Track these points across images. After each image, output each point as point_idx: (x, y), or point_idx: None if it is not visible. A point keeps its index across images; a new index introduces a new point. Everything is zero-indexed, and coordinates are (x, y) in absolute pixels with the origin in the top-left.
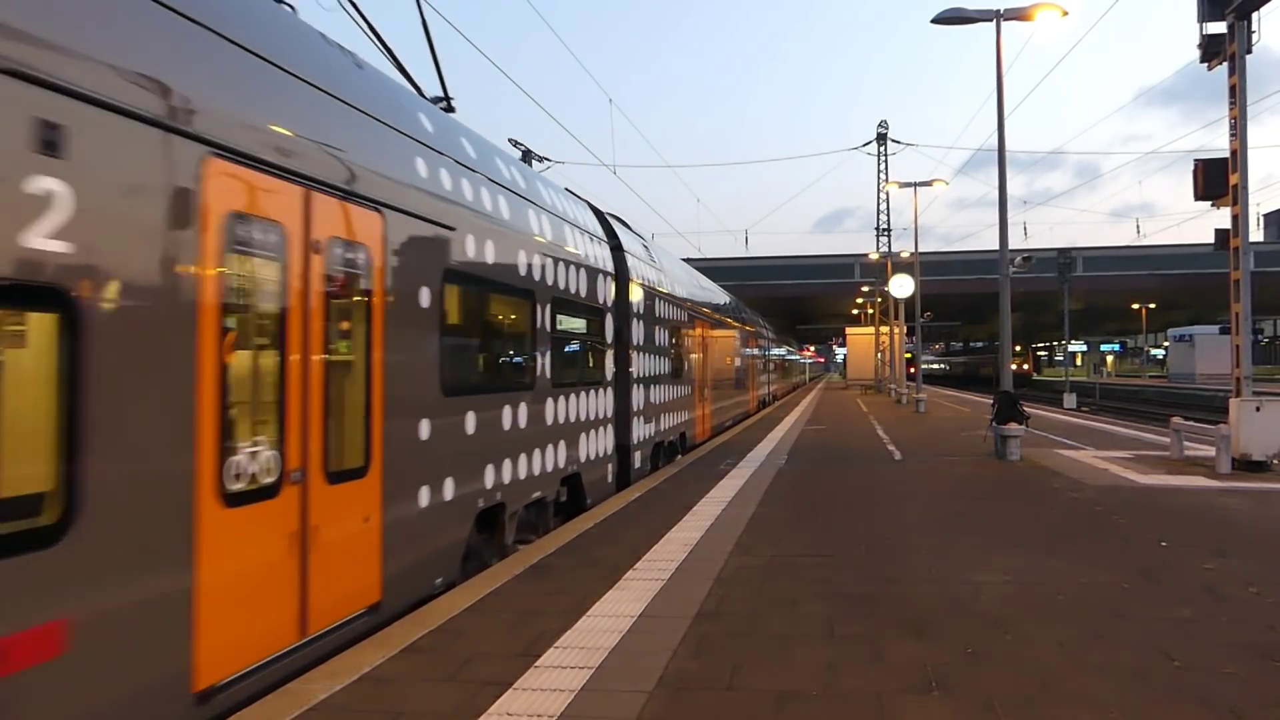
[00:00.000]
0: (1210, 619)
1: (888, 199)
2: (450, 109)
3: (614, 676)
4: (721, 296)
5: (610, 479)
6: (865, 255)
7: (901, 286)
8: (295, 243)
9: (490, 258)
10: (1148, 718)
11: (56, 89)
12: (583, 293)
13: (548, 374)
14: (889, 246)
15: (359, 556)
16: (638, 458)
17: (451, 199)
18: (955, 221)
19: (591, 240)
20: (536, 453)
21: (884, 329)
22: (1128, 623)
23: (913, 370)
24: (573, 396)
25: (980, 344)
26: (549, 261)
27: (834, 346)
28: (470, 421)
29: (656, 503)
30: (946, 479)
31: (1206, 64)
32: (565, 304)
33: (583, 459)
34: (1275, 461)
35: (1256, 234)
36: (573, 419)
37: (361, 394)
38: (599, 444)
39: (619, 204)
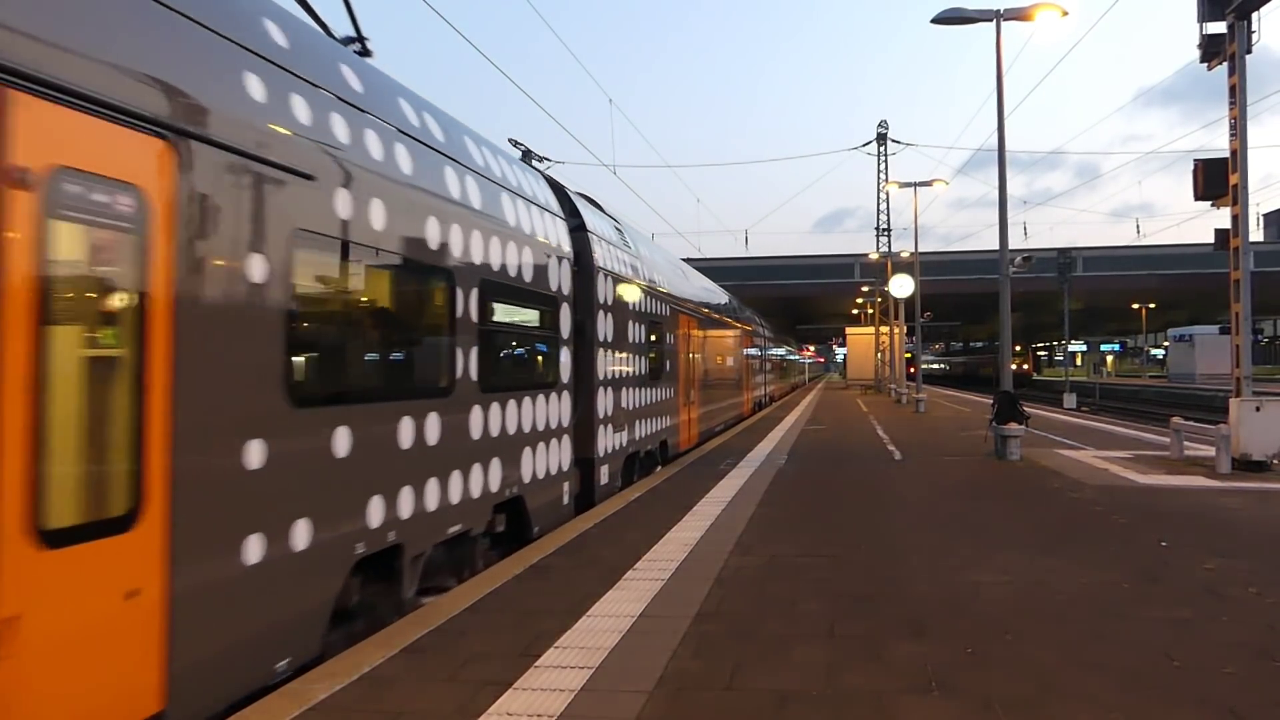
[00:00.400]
0: (1210, 619)
1: (888, 199)
2: (365, 53)
3: (614, 676)
4: (713, 292)
5: (567, 500)
6: (865, 255)
7: (901, 286)
8: None
9: (379, 223)
10: (1148, 718)
11: None
12: (527, 277)
13: (473, 376)
14: (889, 246)
15: (114, 652)
16: (605, 472)
17: (311, 137)
18: (955, 221)
19: (544, 216)
20: (456, 476)
21: (884, 329)
22: (1128, 623)
23: (912, 370)
24: (513, 403)
25: (980, 344)
26: (477, 236)
27: (834, 346)
28: (342, 440)
29: (656, 503)
30: (946, 479)
31: (1206, 64)
32: (501, 290)
33: (527, 479)
34: (1275, 461)
35: (1256, 234)
36: (512, 431)
37: (127, 408)
38: (551, 459)
39: (619, 204)
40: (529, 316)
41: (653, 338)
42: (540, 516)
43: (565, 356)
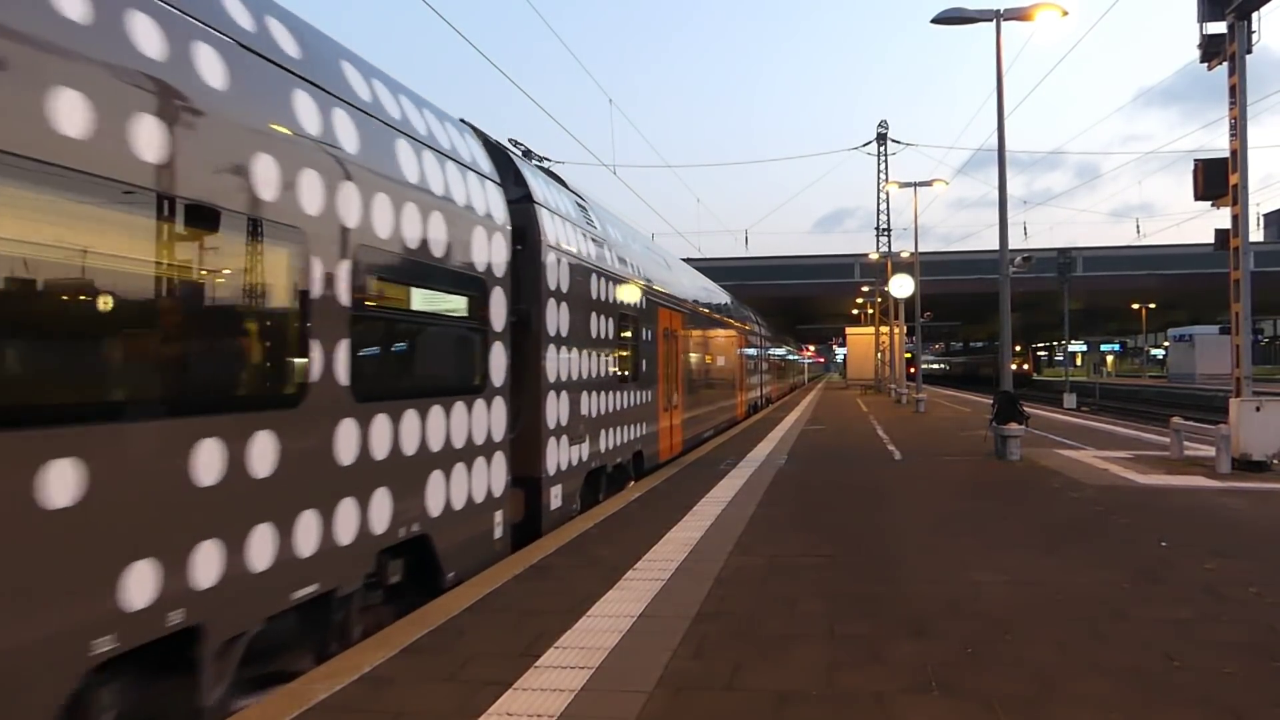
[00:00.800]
0: (1210, 619)
1: (888, 199)
2: None
3: (614, 676)
4: (706, 287)
5: (500, 532)
6: (865, 255)
7: (901, 286)
8: None
9: (147, 150)
10: (1148, 718)
11: None
12: (436, 251)
13: (341, 379)
14: (889, 246)
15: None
16: (556, 494)
17: None
18: (955, 221)
19: (467, 177)
20: (307, 518)
21: (884, 329)
22: (1128, 623)
23: (912, 370)
24: (411, 414)
25: (980, 344)
26: (350, 190)
27: (834, 346)
28: (58, 482)
29: (656, 503)
30: (946, 479)
31: (1206, 64)
32: (393, 264)
33: (435, 512)
34: (1275, 461)
35: (1256, 234)
36: (410, 450)
37: None
38: (475, 483)
39: (619, 204)
40: (440, 301)
41: (624, 333)
42: (456, 558)
43: (498, 353)
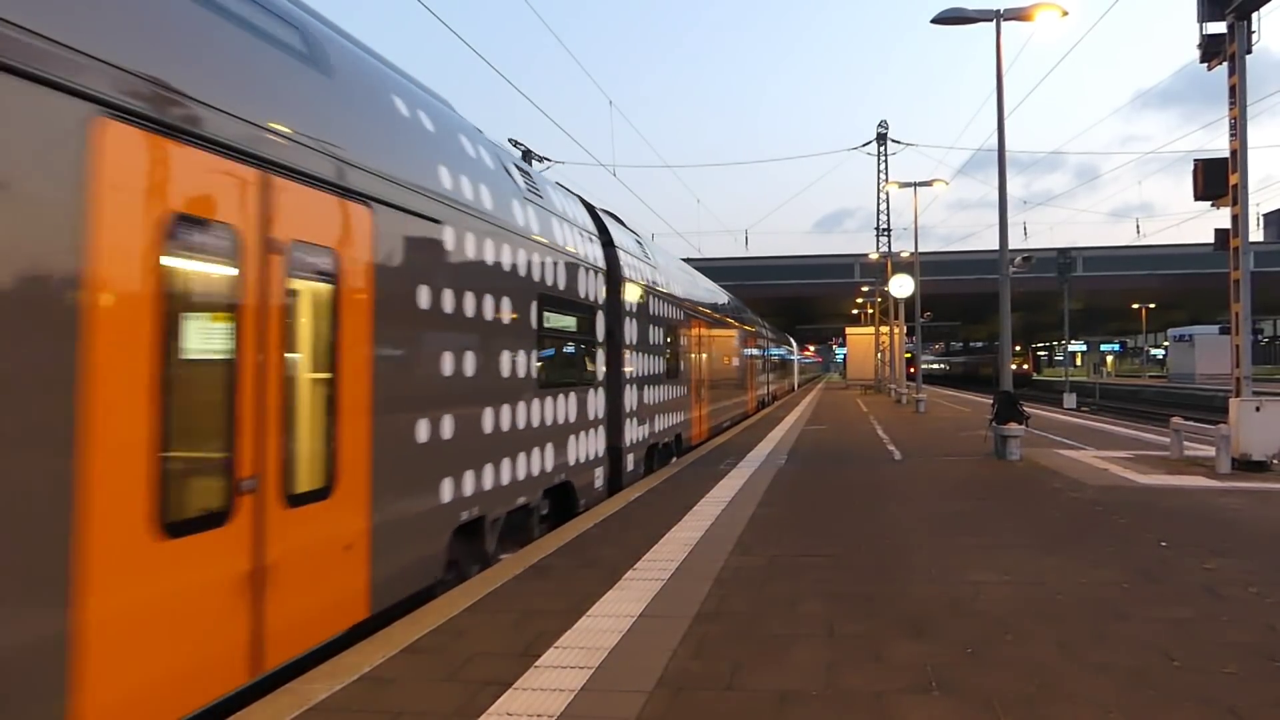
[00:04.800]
0: (1210, 619)
1: (888, 199)
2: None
3: (614, 676)
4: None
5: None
6: (865, 255)
7: (901, 286)
8: None
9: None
10: (1148, 718)
11: None
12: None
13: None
14: (889, 246)
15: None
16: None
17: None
18: (955, 222)
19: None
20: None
21: (884, 329)
22: (1128, 623)
23: (913, 370)
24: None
25: (980, 344)
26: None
27: (834, 346)
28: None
29: (656, 503)
30: (946, 479)
31: (1206, 64)
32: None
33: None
34: (1275, 461)
35: (1256, 234)
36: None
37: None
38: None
39: (619, 204)
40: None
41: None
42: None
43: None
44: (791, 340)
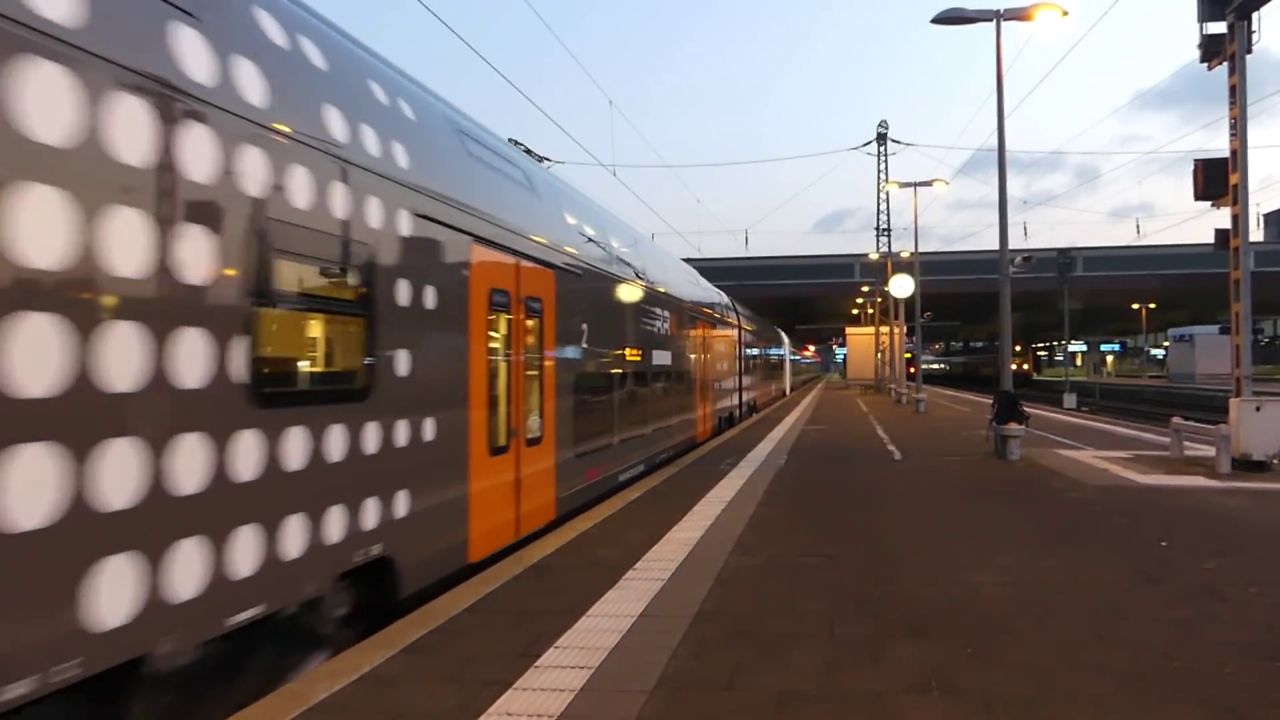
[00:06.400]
0: (1210, 619)
1: (888, 199)
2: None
3: (614, 676)
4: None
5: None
6: (865, 255)
7: (901, 286)
8: None
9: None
10: (1147, 718)
11: None
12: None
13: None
14: (889, 246)
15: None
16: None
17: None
18: (955, 222)
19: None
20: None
21: (884, 329)
22: (1128, 623)
23: (913, 370)
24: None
25: (980, 344)
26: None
27: (834, 346)
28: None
29: (656, 503)
30: (946, 479)
31: (1206, 64)
32: (730, 345)
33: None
34: (1275, 461)
35: (1256, 234)
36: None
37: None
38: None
39: (619, 204)
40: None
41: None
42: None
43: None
44: (781, 334)
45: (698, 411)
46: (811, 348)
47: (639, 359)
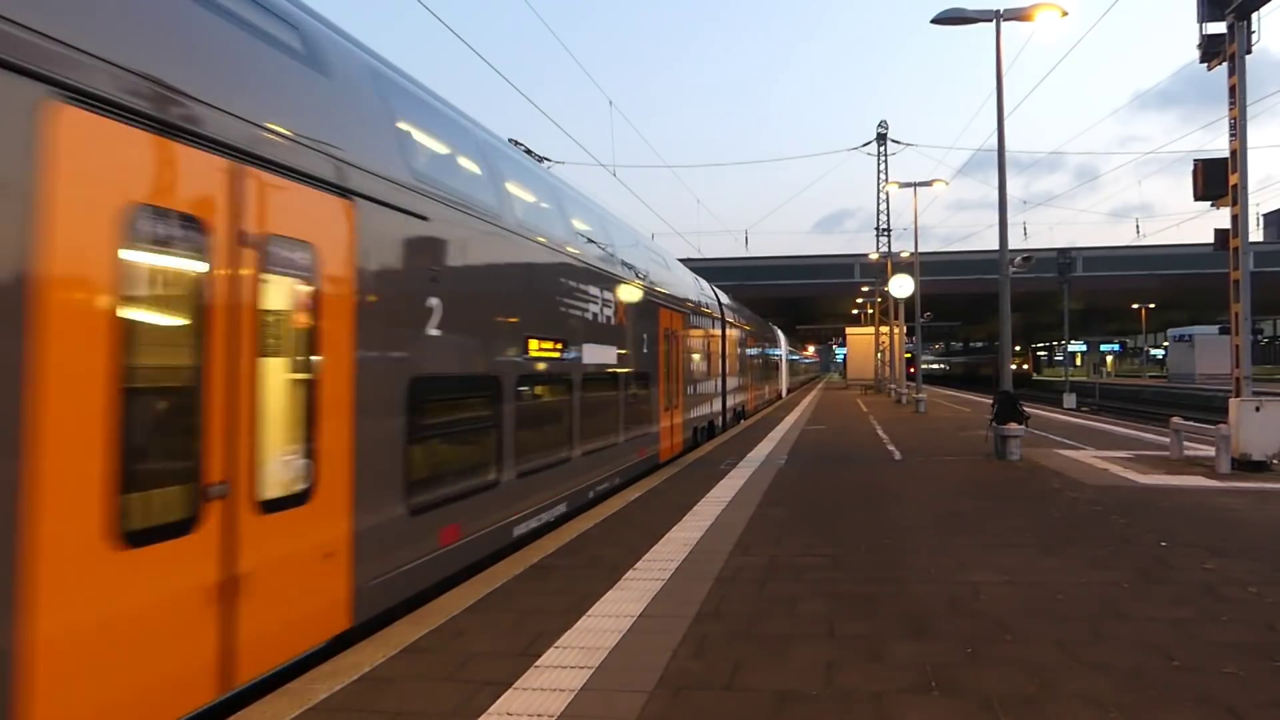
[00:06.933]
0: (1210, 619)
1: (888, 199)
2: None
3: (614, 676)
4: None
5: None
6: (865, 255)
7: (901, 286)
8: None
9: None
10: (1147, 717)
11: None
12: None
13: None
14: (889, 247)
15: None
16: (730, 418)
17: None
18: (955, 222)
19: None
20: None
21: (884, 329)
22: (1127, 623)
23: (913, 370)
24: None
25: (980, 344)
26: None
27: (834, 346)
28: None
29: (656, 503)
30: (946, 479)
31: (1206, 64)
32: (735, 344)
33: (717, 411)
34: (1275, 461)
35: (1256, 234)
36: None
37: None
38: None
39: (620, 204)
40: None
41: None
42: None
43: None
44: (777, 332)
45: (658, 423)
46: (811, 347)
47: (556, 354)
